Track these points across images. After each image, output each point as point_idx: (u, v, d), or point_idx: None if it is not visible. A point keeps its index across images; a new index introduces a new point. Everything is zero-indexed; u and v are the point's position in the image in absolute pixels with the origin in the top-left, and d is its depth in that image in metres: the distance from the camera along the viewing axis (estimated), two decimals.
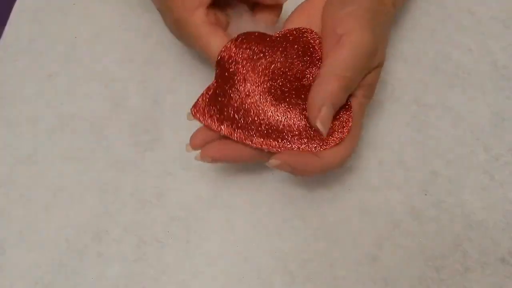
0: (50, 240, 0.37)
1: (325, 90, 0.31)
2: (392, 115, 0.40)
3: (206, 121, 0.33)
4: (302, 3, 0.36)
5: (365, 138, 0.40)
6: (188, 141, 0.40)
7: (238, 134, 0.33)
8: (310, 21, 0.35)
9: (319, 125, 0.31)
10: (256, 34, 0.35)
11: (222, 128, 0.33)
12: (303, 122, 0.33)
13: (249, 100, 0.34)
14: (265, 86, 0.34)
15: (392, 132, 0.40)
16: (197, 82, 0.42)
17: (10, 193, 0.39)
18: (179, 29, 0.35)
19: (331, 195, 0.38)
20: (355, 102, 0.33)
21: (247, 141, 0.33)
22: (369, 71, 0.33)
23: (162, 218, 0.37)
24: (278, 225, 0.37)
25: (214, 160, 0.33)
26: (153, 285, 0.35)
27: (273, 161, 0.32)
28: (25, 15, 0.46)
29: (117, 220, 0.37)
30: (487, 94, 0.41)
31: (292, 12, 0.36)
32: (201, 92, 0.34)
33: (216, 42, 0.34)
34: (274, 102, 0.34)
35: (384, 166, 0.38)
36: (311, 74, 0.34)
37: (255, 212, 0.37)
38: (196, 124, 0.34)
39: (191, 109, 0.34)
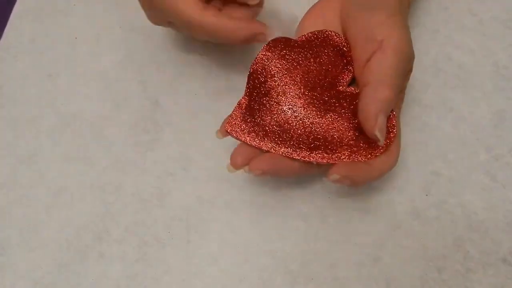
0: (51, 240, 0.37)
1: (378, 98, 0.30)
2: None
3: (244, 137, 0.33)
4: (315, 4, 0.36)
5: None
6: (187, 141, 0.40)
7: (284, 149, 0.32)
8: (326, 23, 0.35)
9: (378, 134, 0.30)
10: (284, 40, 0.34)
11: (265, 144, 0.32)
12: (351, 132, 0.33)
13: (292, 114, 0.33)
14: (306, 97, 0.33)
15: None
16: (197, 82, 0.42)
17: (11, 193, 0.39)
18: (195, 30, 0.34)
19: (332, 195, 0.38)
20: (395, 109, 0.33)
21: (294, 155, 0.32)
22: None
23: (163, 218, 0.37)
24: (279, 226, 0.37)
25: (263, 173, 0.32)
26: (154, 285, 0.35)
27: (333, 176, 0.31)
28: (26, 15, 0.46)
29: (118, 220, 0.37)
30: (488, 94, 0.41)
31: (306, 14, 0.36)
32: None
33: (209, 16, 0.33)
34: (319, 113, 0.33)
35: None
36: (345, 80, 0.34)
37: (255, 212, 0.37)
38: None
39: (223, 125, 0.33)
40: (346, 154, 0.32)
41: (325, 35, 0.34)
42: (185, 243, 0.37)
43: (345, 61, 0.34)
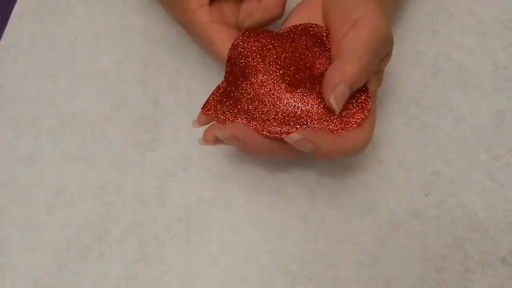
0: (51, 240, 0.37)
1: (342, 69, 0.31)
2: (392, 116, 0.40)
3: (219, 117, 0.33)
4: (300, 1, 0.36)
5: None
6: (187, 141, 0.40)
7: (254, 125, 0.32)
8: (310, 17, 0.35)
9: (332, 100, 0.30)
10: (262, 29, 0.35)
11: (238, 121, 0.32)
12: (321, 106, 0.32)
13: (263, 90, 0.33)
14: (278, 74, 0.34)
15: (393, 133, 0.40)
16: (197, 82, 0.42)
17: (11, 193, 0.39)
18: (187, 30, 0.36)
19: (332, 195, 0.38)
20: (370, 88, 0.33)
21: (264, 131, 0.32)
22: (382, 58, 0.33)
23: (163, 218, 0.37)
24: (279, 226, 0.37)
25: (234, 139, 0.31)
26: (154, 285, 0.35)
27: (293, 136, 0.30)
28: (26, 15, 0.46)
29: (118, 220, 0.37)
30: (487, 94, 0.41)
31: (292, 10, 0.36)
32: (207, 91, 0.34)
33: (221, 40, 0.34)
34: (289, 89, 0.33)
35: (385, 166, 0.38)
36: (321, 65, 0.34)
37: (255, 212, 0.37)
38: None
39: (201, 108, 0.34)
40: (317, 127, 0.32)
41: (305, 26, 0.35)
42: (185, 243, 0.37)
43: (323, 48, 0.34)
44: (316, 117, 0.32)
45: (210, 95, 0.34)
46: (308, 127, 0.32)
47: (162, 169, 0.39)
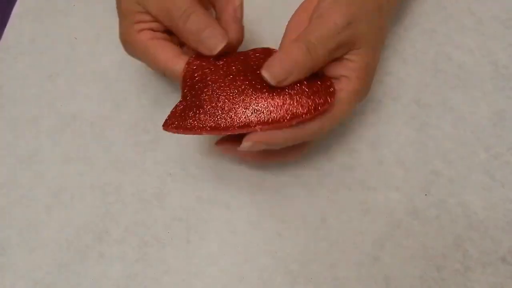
0: (51, 240, 0.37)
1: (283, 50, 0.32)
2: (392, 115, 0.40)
3: (184, 130, 0.33)
4: (302, 2, 0.36)
5: (365, 137, 0.40)
6: (187, 141, 0.40)
7: (223, 124, 0.32)
8: (309, 16, 0.35)
9: (264, 73, 0.31)
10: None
11: (205, 128, 0.32)
12: (281, 97, 0.32)
13: (223, 95, 0.33)
14: (232, 78, 0.34)
15: (392, 132, 0.40)
16: None
17: (11, 193, 0.39)
18: (128, 47, 0.36)
19: (332, 195, 0.38)
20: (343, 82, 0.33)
21: (235, 128, 0.32)
22: (341, 47, 0.32)
23: (163, 218, 0.37)
24: (279, 226, 0.37)
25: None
26: (154, 285, 0.35)
27: (244, 144, 0.32)
28: (26, 16, 0.46)
29: (118, 220, 0.38)
30: (487, 94, 0.41)
31: (294, 12, 0.36)
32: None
33: (164, 56, 0.34)
34: (250, 90, 0.33)
35: (385, 166, 0.39)
36: None
37: (255, 213, 0.37)
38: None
39: (162, 126, 0.33)
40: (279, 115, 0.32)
41: (263, 49, 0.35)
42: (185, 243, 0.37)
43: None
44: (276, 108, 0.32)
45: (170, 113, 0.34)
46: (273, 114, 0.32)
47: (162, 169, 0.39)
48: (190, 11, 0.33)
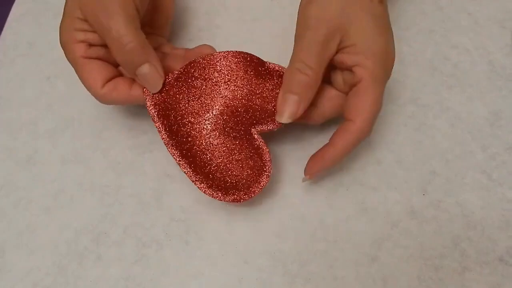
0: (50, 242, 0.37)
1: (284, 77, 0.33)
2: (390, 115, 0.41)
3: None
4: None
5: None
6: None
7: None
8: None
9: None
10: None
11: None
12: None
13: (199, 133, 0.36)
14: (207, 117, 0.36)
15: (390, 132, 0.40)
16: None
17: (9, 195, 0.39)
18: (64, 51, 0.35)
19: (330, 195, 0.38)
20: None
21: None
22: (330, 50, 0.33)
23: (162, 220, 0.38)
24: (277, 226, 0.37)
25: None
26: (153, 287, 0.35)
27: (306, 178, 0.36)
28: (23, 18, 0.46)
29: (117, 222, 0.38)
30: (484, 93, 0.41)
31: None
32: None
33: (91, 80, 0.34)
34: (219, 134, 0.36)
35: (383, 166, 0.39)
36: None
37: (254, 213, 0.37)
38: None
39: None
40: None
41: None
42: (184, 244, 0.37)
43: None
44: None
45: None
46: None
47: (160, 170, 0.39)
48: (126, 39, 0.31)
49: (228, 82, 0.35)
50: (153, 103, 0.34)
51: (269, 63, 0.35)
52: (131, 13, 0.32)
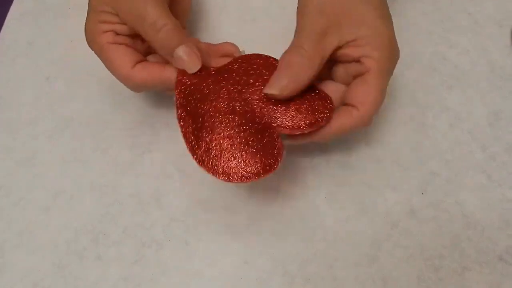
0: (50, 242, 0.37)
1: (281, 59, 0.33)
2: (389, 116, 0.41)
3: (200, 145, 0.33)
4: None
5: (363, 138, 0.40)
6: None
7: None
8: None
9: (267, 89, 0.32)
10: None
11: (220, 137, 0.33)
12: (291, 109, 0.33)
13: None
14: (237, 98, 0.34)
15: (390, 133, 0.40)
16: None
17: (9, 195, 0.39)
18: (90, 44, 0.35)
19: (329, 195, 0.38)
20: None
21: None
22: (331, 44, 0.33)
23: (161, 220, 0.37)
24: (277, 226, 0.37)
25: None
26: (153, 287, 0.35)
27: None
28: (22, 18, 0.46)
29: (116, 222, 0.38)
30: (483, 94, 0.41)
31: None
32: None
33: (119, 62, 0.34)
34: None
35: (382, 166, 0.39)
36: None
37: (253, 213, 0.37)
38: None
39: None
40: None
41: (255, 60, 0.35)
42: (183, 244, 0.37)
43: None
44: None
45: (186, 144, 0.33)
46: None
47: (160, 170, 0.39)
48: (162, 22, 0.32)
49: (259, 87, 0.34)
50: (182, 84, 0.34)
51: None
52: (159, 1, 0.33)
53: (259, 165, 0.32)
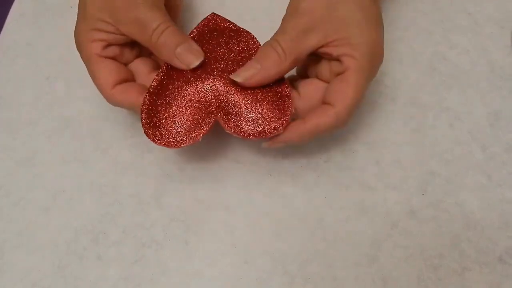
0: (49, 242, 0.37)
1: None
2: (389, 116, 0.41)
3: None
4: None
5: (362, 138, 0.40)
6: None
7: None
8: None
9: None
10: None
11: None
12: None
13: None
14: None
15: (390, 133, 0.40)
16: None
17: (9, 195, 0.39)
18: (78, 48, 0.35)
19: (329, 195, 0.38)
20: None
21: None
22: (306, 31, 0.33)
23: (161, 220, 0.38)
24: (277, 226, 0.37)
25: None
26: (152, 287, 0.35)
27: (265, 143, 0.35)
28: (23, 18, 0.46)
29: (116, 222, 0.38)
30: (483, 94, 0.41)
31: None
32: None
33: (102, 78, 0.34)
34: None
35: (382, 166, 0.39)
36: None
37: (253, 213, 0.37)
38: None
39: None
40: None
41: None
42: (183, 244, 0.37)
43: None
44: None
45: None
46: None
47: (159, 170, 0.39)
48: (164, 26, 0.33)
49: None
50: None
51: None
52: (157, 3, 0.34)
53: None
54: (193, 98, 0.34)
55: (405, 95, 0.41)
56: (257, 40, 0.36)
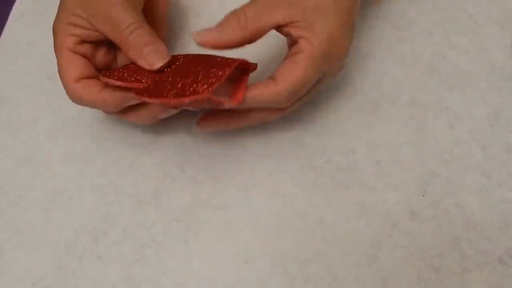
0: (49, 242, 0.37)
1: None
2: (389, 116, 0.41)
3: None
4: None
5: (362, 138, 0.40)
6: (185, 142, 0.40)
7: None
8: None
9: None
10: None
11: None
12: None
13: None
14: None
15: (390, 133, 0.40)
16: None
17: (9, 195, 0.39)
18: (53, 34, 0.36)
19: (329, 195, 0.38)
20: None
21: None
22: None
23: (161, 220, 0.38)
24: (277, 226, 0.37)
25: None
26: (153, 287, 0.35)
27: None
28: (24, 17, 0.47)
29: (116, 222, 0.38)
30: (483, 94, 0.41)
31: None
32: None
33: (68, 70, 0.35)
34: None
35: (382, 166, 0.39)
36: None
37: (253, 213, 0.37)
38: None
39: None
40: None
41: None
42: (183, 244, 0.37)
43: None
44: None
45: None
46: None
47: (160, 170, 0.39)
48: (135, 26, 0.34)
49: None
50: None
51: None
52: (134, 5, 0.35)
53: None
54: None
55: (405, 95, 0.41)
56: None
